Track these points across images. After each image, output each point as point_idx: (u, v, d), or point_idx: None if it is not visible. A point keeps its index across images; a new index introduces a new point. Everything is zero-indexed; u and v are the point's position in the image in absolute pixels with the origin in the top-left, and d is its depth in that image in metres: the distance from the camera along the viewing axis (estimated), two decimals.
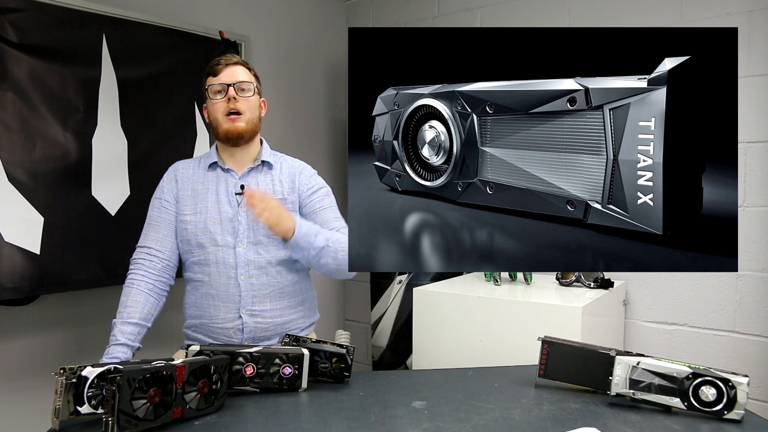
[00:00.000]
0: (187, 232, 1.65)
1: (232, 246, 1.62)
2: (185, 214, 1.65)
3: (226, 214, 1.64)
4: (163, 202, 1.68)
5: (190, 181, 1.69)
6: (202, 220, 1.64)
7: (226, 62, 1.64)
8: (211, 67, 1.65)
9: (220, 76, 1.63)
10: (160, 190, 1.70)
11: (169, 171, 1.73)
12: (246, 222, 1.63)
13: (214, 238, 1.63)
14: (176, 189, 1.68)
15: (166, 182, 1.71)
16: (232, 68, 1.64)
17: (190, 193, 1.67)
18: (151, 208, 1.70)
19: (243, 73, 1.66)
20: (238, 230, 1.63)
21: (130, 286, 1.60)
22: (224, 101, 1.62)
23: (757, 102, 2.22)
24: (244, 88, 1.64)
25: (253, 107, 1.66)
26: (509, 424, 1.21)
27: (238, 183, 1.66)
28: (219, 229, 1.63)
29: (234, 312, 1.62)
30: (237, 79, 1.63)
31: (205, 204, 1.65)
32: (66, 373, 1.16)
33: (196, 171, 1.70)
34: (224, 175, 1.68)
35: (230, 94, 1.61)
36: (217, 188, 1.67)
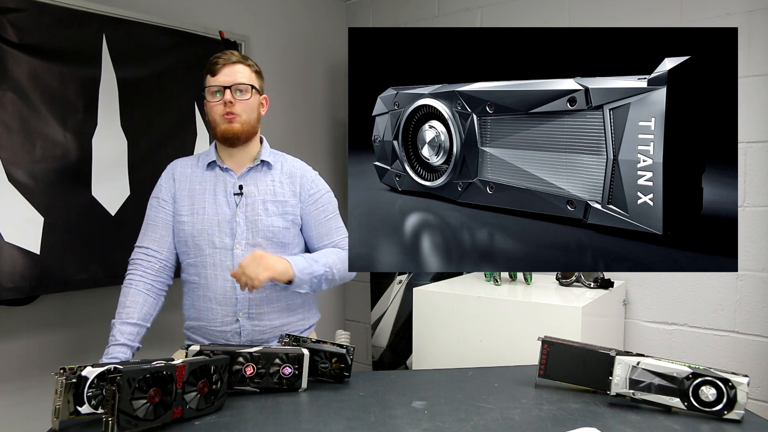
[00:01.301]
0: (184, 233, 1.63)
1: (230, 248, 1.61)
2: (182, 215, 1.64)
3: (224, 215, 1.62)
4: (160, 202, 1.66)
5: (188, 180, 1.67)
6: (199, 221, 1.62)
7: (225, 61, 1.60)
8: (211, 65, 1.61)
9: (218, 76, 1.59)
10: (158, 189, 1.69)
11: (168, 169, 1.71)
12: (244, 223, 1.62)
13: (211, 239, 1.61)
14: (174, 188, 1.66)
15: (164, 181, 1.69)
16: (231, 68, 1.60)
17: (187, 193, 1.65)
18: (149, 207, 1.68)
19: (242, 73, 1.61)
20: (236, 232, 1.61)
21: (129, 286, 1.60)
22: (221, 103, 1.59)
23: (757, 102, 2.22)
24: (241, 89, 1.60)
25: (250, 109, 1.62)
26: (509, 424, 1.21)
27: (237, 183, 1.64)
28: (216, 230, 1.61)
29: (231, 315, 1.61)
30: (235, 81, 1.59)
31: (203, 204, 1.63)
32: (66, 373, 1.16)
33: (194, 170, 1.68)
34: (222, 174, 1.66)
35: (226, 98, 1.57)
36: (215, 188, 1.64)
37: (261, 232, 1.62)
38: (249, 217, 1.62)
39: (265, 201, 1.64)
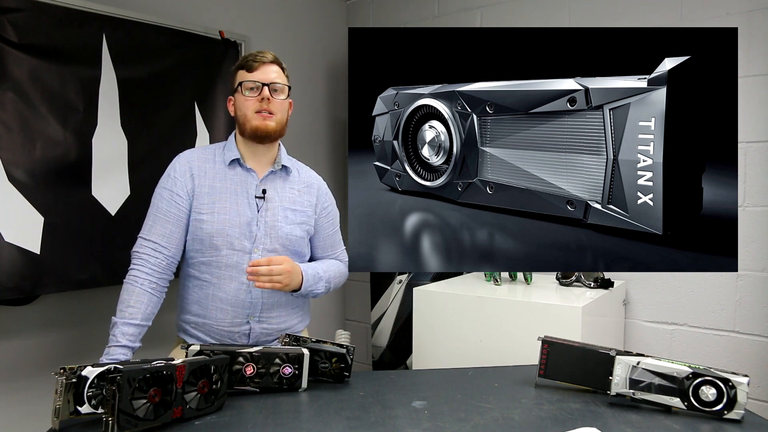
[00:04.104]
0: (203, 231, 1.58)
1: (248, 251, 1.58)
2: (202, 213, 1.58)
3: (245, 217, 1.59)
4: (174, 196, 1.59)
5: (208, 177, 1.61)
6: (219, 221, 1.58)
7: (262, 59, 1.60)
8: (247, 61, 1.60)
9: (255, 73, 1.59)
10: (171, 182, 1.60)
11: (182, 162, 1.63)
12: (264, 228, 1.59)
13: (230, 241, 1.57)
14: (192, 184, 1.60)
15: (179, 174, 1.60)
16: (268, 67, 1.60)
17: (207, 191, 1.60)
18: (159, 198, 1.60)
19: (277, 74, 1.62)
20: (256, 235, 1.59)
21: (134, 283, 1.53)
22: (257, 99, 1.58)
23: (757, 102, 2.22)
24: (277, 89, 1.60)
25: (283, 109, 1.63)
26: (509, 424, 1.21)
27: (260, 186, 1.62)
28: (237, 232, 1.58)
29: (242, 318, 1.59)
30: (272, 79, 1.59)
31: (224, 204, 1.59)
32: (66, 373, 1.16)
33: (213, 166, 1.63)
34: (245, 174, 1.62)
35: (265, 94, 1.57)
36: (236, 188, 1.61)
37: (279, 239, 1.61)
38: (269, 223, 1.60)
39: (285, 208, 1.64)
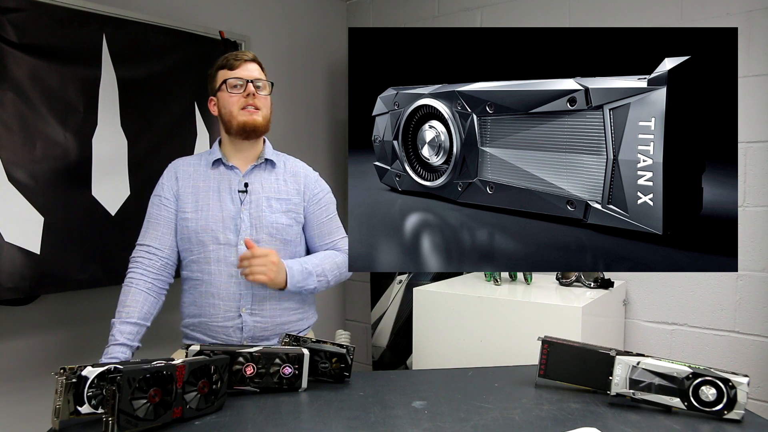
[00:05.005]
0: (188, 229, 1.63)
1: (234, 244, 1.62)
2: (186, 212, 1.64)
3: (228, 211, 1.63)
4: (162, 200, 1.67)
5: (191, 178, 1.68)
6: (203, 218, 1.63)
7: (243, 58, 1.66)
8: (228, 61, 1.65)
9: (237, 71, 1.63)
10: (159, 188, 1.69)
11: (169, 168, 1.72)
12: (248, 220, 1.63)
13: (215, 236, 1.62)
14: (176, 186, 1.67)
15: (166, 179, 1.69)
16: (249, 65, 1.66)
17: (191, 191, 1.66)
18: (151, 205, 1.68)
19: (258, 71, 1.68)
20: (240, 228, 1.62)
21: (129, 285, 1.60)
22: (242, 96, 1.62)
23: (757, 102, 2.22)
24: (260, 85, 1.65)
25: (267, 105, 1.68)
26: (509, 424, 1.21)
27: (242, 181, 1.66)
28: (221, 226, 1.62)
29: (234, 311, 1.62)
30: (255, 76, 1.65)
31: (207, 201, 1.64)
32: (66, 373, 1.16)
33: (197, 168, 1.69)
34: (227, 172, 1.67)
35: (250, 90, 1.62)
36: (219, 185, 1.66)
37: (265, 228, 1.63)
38: (253, 214, 1.63)
39: (269, 198, 1.66)
